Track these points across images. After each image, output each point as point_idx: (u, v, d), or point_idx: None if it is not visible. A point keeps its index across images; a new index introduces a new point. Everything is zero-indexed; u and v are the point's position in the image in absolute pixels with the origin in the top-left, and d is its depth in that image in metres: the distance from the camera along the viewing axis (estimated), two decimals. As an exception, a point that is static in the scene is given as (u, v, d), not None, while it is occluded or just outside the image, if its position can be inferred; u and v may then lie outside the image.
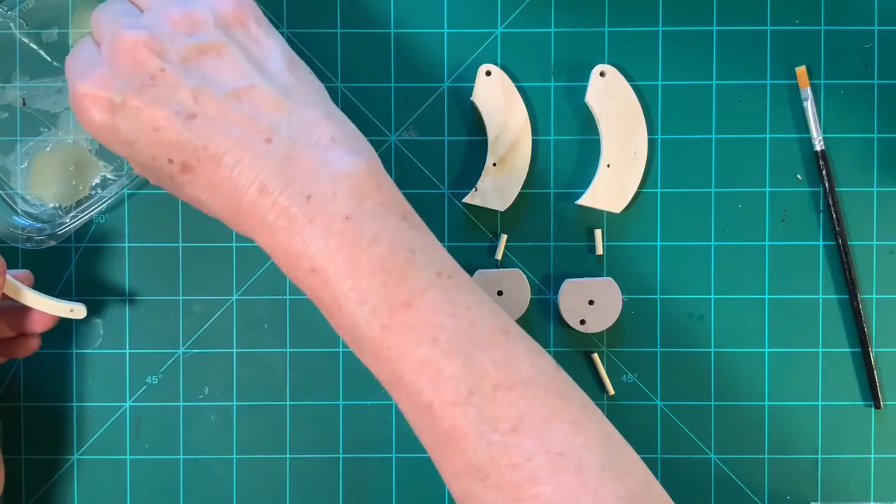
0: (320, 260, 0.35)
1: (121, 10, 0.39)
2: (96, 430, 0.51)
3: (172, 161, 0.37)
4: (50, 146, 0.51)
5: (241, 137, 0.36)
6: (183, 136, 0.36)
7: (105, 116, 0.37)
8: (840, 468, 0.51)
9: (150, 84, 0.36)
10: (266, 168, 0.36)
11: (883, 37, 0.51)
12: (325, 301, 0.36)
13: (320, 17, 0.51)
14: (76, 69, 0.38)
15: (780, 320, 0.51)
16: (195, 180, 0.37)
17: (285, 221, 0.35)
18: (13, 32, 0.50)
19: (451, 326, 0.35)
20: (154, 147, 0.37)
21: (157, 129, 0.36)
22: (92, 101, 0.36)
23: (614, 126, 0.50)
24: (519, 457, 0.34)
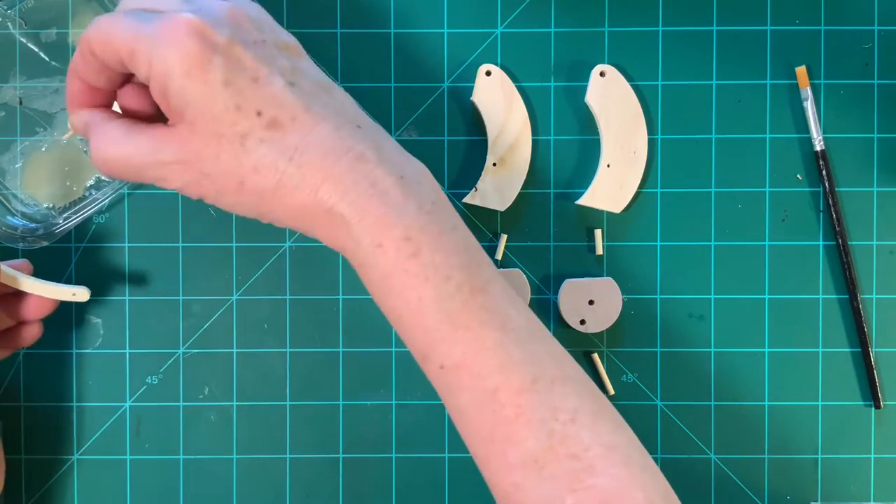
0: (414, 230, 0.35)
1: None
2: (96, 430, 0.51)
3: (261, 114, 0.35)
4: (45, 146, 0.51)
5: (336, 115, 0.36)
6: (283, 93, 0.35)
7: (202, 46, 0.34)
8: (840, 468, 0.51)
9: (253, 45, 0.36)
10: (363, 141, 0.36)
11: (883, 37, 0.51)
12: (411, 271, 0.36)
13: (320, 17, 0.51)
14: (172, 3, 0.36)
15: (780, 320, 0.51)
16: (279, 139, 0.35)
17: (381, 193, 0.35)
18: (12, 32, 0.50)
19: (514, 317, 0.36)
20: (247, 95, 0.35)
21: (256, 79, 0.35)
22: (193, 27, 0.34)
23: (614, 126, 0.50)
24: (577, 447, 0.35)
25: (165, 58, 0.34)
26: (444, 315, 0.36)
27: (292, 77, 0.36)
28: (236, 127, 0.35)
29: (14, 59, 0.50)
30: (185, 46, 0.34)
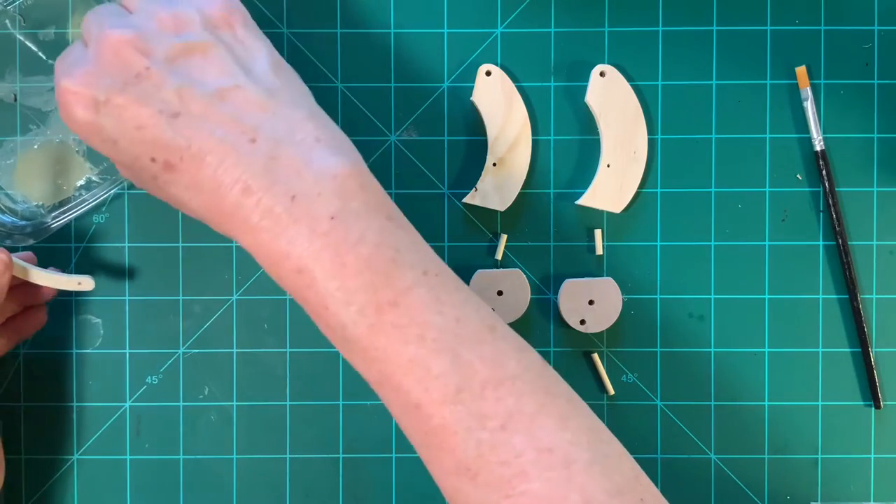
0: (306, 260, 0.35)
1: (109, 11, 0.39)
2: (96, 430, 0.51)
3: (155, 160, 0.36)
4: (37, 144, 0.51)
5: (224, 137, 0.36)
6: (166, 134, 0.36)
7: (88, 114, 0.37)
8: (840, 468, 0.51)
9: (134, 82, 0.36)
10: (250, 168, 0.35)
11: (883, 37, 0.51)
12: (311, 302, 0.36)
13: (320, 17, 0.51)
14: (63, 68, 0.38)
15: (780, 320, 0.51)
16: (178, 180, 0.37)
17: (270, 222, 0.35)
18: (11, 29, 0.50)
19: (438, 324, 0.35)
20: (137, 146, 0.37)
21: (140, 127, 0.36)
22: (75, 98, 0.36)
23: (614, 126, 0.50)
24: (508, 454, 0.34)
25: (75, 131, 0.38)
26: (352, 337, 0.35)
27: (180, 103, 0.36)
28: (146, 173, 0.38)
29: (10, 56, 0.50)
30: (77, 121, 0.37)
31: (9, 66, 0.51)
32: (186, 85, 0.36)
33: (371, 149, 0.51)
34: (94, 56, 0.37)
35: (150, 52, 0.37)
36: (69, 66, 0.38)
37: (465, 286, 0.37)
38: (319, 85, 0.51)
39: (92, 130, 0.37)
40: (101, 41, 0.37)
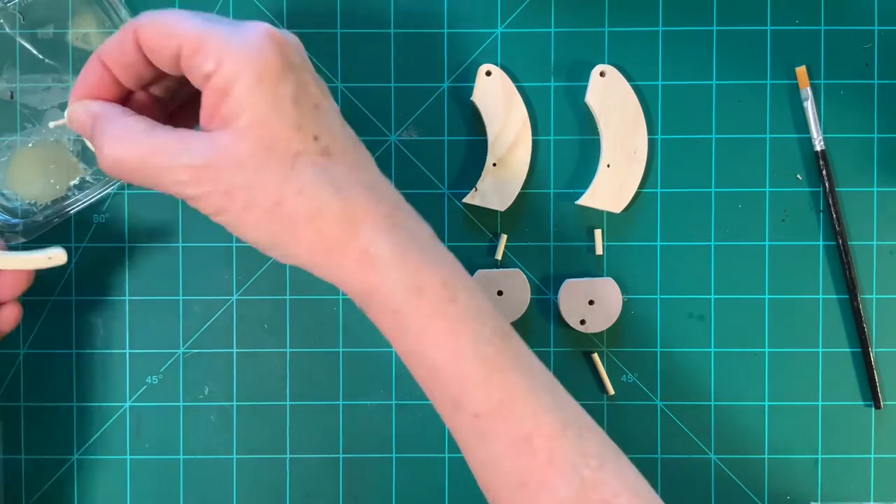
0: (450, 276, 0.36)
1: None
2: (96, 430, 0.51)
3: (318, 139, 0.35)
4: (32, 143, 0.51)
5: (371, 159, 0.38)
6: (339, 125, 0.37)
7: (282, 61, 0.34)
8: (840, 468, 0.51)
9: (314, 76, 0.36)
10: (396, 191, 0.38)
11: (883, 37, 0.51)
12: (449, 316, 0.36)
13: (320, 17, 0.51)
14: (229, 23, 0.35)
15: (780, 320, 0.51)
16: (330, 167, 0.35)
17: (419, 239, 0.36)
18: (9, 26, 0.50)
19: (537, 365, 0.37)
20: (307, 118, 0.35)
21: (317, 106, 0.36)
22: (277, 42, 0.35)
23: (614, 126, 0.50)
24: (608, 492, 0.35)
25: (243, 58, 0.34)
26: (479, 360, 0.35)
27: (341, 116, 0.37)
28: (292, 145, 0.34)
29: (9, 54, 0.50)
30: (266, 54, 0.34)
31: (7, 64, 0.51)
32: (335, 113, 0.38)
33: (371, 149, 0.51)
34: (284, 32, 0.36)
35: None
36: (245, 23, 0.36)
37: None
38: (319, 85, 0.51)
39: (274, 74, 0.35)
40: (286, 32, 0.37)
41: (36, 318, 0.51)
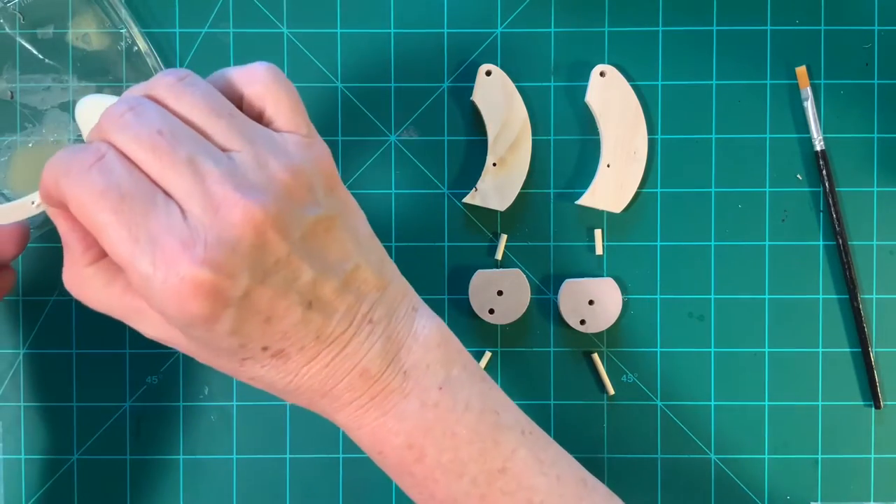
0: (417, 434, 0.34)
1: (195, 146, 0.30)
2: (96, 430, 0.51)
3: (267, 348, 0.32)
4: (32, 142, 0.51)
5: (349, 324, 0.33)
6: (296, 326, 0.32)
7: (211, 308, 0.30)
8: (840, 468, 0.51)
9: (273, 270, 0.30)
10: (369, 352, 0.33)
11: (883, 37, 0.51)
12: (417, 475, 0.34)
13: (320, 17, 0.51)
14: (168, 241, 0.29)
15: (780, 320, 0.51)
16: (282, 364, 0.33)
17: (381, 400, 0.33)
18: (9, 26, 0.50)
19: (542, 486, 0.35)
20: (253, 336, 0.31)
21: (270, 319, 0.31)
22: (200, 289, 0.29)
23: (614, 126, 0.50)
24: None
25: (164, 310, 0.30)
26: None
27: (312, 291, 0.32)
28: (235, 356, 0.33)
29: (9, 54, 0.50)
30: (189, 314, 0.30)
31: (7, 64, 0.51)
32: (321, 271, 0.32)
33: (371, 149, 0.51)
34: (220, 233, 0.29)
35: (288, 232, 0.31)
36: (169, 235, 0.29)
37: (552, 439, 0.37)
38: (319, 85, 0.51)
39: (203, 323, 0.30)
40: (232, 214, 0.29)
41: (36, 318, 0.51)
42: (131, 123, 0.30)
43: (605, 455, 0.50)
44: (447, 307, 0.51)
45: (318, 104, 0.51)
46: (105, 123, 0.31)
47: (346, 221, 0.34)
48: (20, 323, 0.51)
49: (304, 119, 0.34)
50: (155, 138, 0.30)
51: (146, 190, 0.30)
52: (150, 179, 0.30)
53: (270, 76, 0.34)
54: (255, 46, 0.50)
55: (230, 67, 0.34)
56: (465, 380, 0.35)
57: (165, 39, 0.51)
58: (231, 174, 0.30)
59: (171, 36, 0.51)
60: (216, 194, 0.30)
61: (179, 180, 0.30)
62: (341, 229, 0.33)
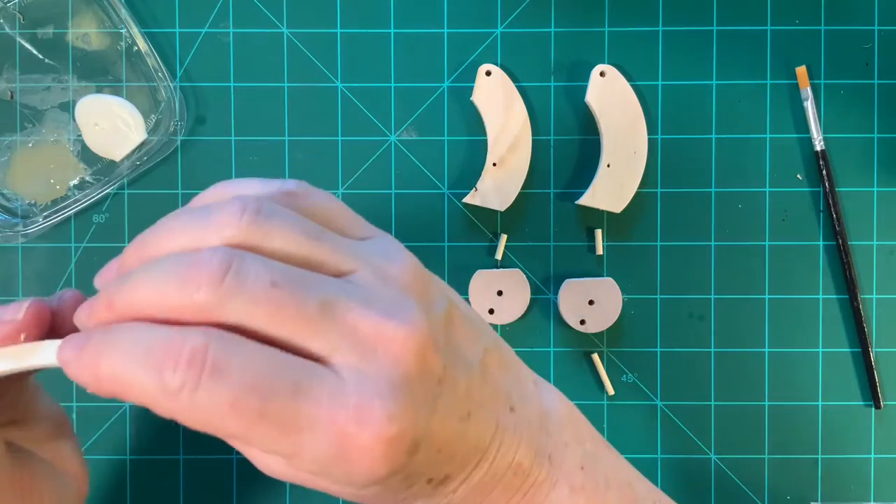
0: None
1: (319, 286, 0.25)
2: (96, 430, 0.51)
3: (432, 479, 0.28)
4: (32, 143, 0.51)
5: (498, 418, 0.29)
6: (457, 444, 0.27)
7: (403, 459, 0.25)
8: (840, 468, 0.51)
9: (438, 392, 0.26)
10: (520, 444, 0.30)
11: (883, 37, 0.51)
12: None
13: (320, 17, 0.51)
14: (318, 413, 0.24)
15: (780, 320, 0.51)
16: (442, 489, 0.28)
17: (532, 496, 0.30)
18: (9, 26, 0.50)
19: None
20: (422, 471, 0.27)
21: (440, 449, 0.27)
22: (391, 447, 0.24)
23: (614, 126, 0.50)
24: None
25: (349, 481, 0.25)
26: None
27: (468, 400, 0.28)
28: (396, 496, 0.28)
29: (9, 54, 0.50)
30: (379, 474, 0.25)
31: (7, 64, 0.51)
32: (465, 372, 0.28)
33: (371, 149, 0.51)
34: (391, 376, 0.25)
35: (438, 343, 0.26)
36: (342, 408, 0.24)
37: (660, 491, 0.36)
38: (319, 85, 0.51)
39: (388, 475, 0.25)
40: (393, 348, 0.25)
41: (36, 318, 0.50)
42: (237, 287, 0.24)
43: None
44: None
45: (318, 104, 0.51)
46: (200, 297, 0.24)
47: (454, 298, 0.29)
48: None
49: (366, 221, 0.30)
50: (273, 295, 0.24)
51: (283, 369, 0.24)
52: (279, 347, 0.24)
53: (308, 186, 0.28)
54: (255, 46, 0.50)
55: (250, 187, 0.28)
56: (598, 454, 0.33)
57: (165, 39, 0.51)
58: (367, 302, 0.25)
59: (171, 36, 0.51)
60: (366, 334, 0.25)
61: (319, 335, 0.24)
62: (462, 317, 0.29)
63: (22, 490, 0.33)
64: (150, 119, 0.50)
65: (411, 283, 0.27)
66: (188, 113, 0.50)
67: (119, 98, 0.50)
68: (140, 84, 0.50)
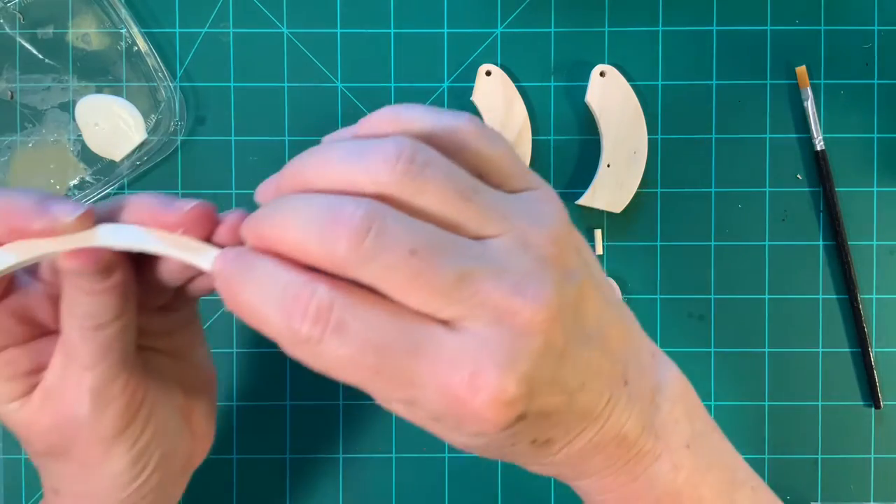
0: (666, 500, 0.31)
1: (457, 256, 0.25)
2: (96, 430, 0.51)
3: (535, 441, 0.28)
4: (32, 143, 0.51)
5: (610, 393, 0.29)
6: (566, 413, 0.28)
7: (511, 424, 0.26)
8: (840, 468, 0.51)
9: (556, 366, 0.27)
10: (629, 417, 0.29)
11: (883, 37, 0.51)
12: None
13: (320, 17, 0.51)
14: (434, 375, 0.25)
15: (780, 320, 0.51)
16: (541, 451, 0.29)
17: (633, 465, 0.30)
18: (9, 26, 0.50)
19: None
20: (527, 433, 0.27)
21: (548, 415, 0.27)
22: (503, 413, 0.25)
23: (614, 126, 0.50)
24: None
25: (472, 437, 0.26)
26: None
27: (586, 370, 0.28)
28: (499, 450, 0.29)
29: (9, 54, 0.50)
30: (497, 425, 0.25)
31: (7, 64, 0.51)
32: (585, 345, 0.28)
33: (371, 149, 0.51)
34: (513, 349, 0.25)
35: (566, 320, 0.26)
36: (457, 372, 0.25)
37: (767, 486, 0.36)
38: (319, 85, 0.51)
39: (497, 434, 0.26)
40: (520, 321, 0.25)
41: (36, 318, 0.50)
42: (375, 251, 0.24)
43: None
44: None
45: (318, 104, 0.51)
46: (338, 254, 0.24)
47: (595, 273, 0.29)
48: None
49: (529, 169, 0.29)
50: (411, 263, 0.24)
51: (404, 330, 0.25)
52: (408, 311, 0.25)
53: (478, 126, 0.28)
54: (255, 46, 0.50)
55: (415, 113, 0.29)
56: (706, 433, 0.32)
57: (165, 39, 0.51)
58: (501, 273, 0.25)
59: (171, 36, 0.51)
60: (495, 305, 0.25)
61: (449, 306, 0.25)
62: (593, 288, 0.28)
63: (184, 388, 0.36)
64: (150, 119, 0.50)
65: (552, 253, 0.26)
66: (188, 113, 0.51)
67: (119, 98, 0.50)
68: (140, 84, 0.50)
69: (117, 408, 0.32)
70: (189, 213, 0.29)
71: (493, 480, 0.51)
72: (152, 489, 0.35)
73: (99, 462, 0.32)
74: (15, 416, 0.32)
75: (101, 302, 0.30)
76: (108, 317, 0.30)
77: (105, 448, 0.32)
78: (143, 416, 0.33)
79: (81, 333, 0.30)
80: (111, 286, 0.30)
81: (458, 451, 0.51)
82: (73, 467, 0.33)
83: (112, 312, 0.30)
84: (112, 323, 0.31)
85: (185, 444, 0.37)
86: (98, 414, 0.31)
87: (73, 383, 0.31)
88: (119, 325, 0.31)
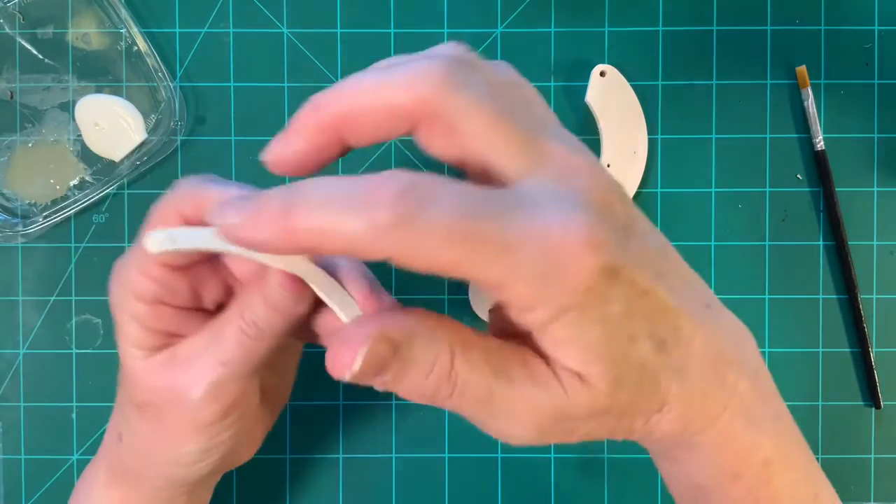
0: (772, 448, 0.31)
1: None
2: (96, 430, 0.51)
3: (652, 335, 0.27)
4: (32, 143, 0.51)
5: (697, 308, 0.29)
6: (666, 297, 0.27)
7: (606, 260, 0.25)
8: (840, 468, 0.51)
9: (625, 235, 0.26)
10: (723, 343, 0.30)
11: (883, 37, 0.51)
12: (762, 499, 0.31)
13: (320, 17, 0.51)
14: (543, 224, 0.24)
15: (780, 320, 0.51)
16: (666, 360, 0.27)
17: (746, 412, 0.31)
18: (9, 26, 0.50)
19: None
20: (635, 321, 0.26)
21: (645, 292, 0.26)
22: (598, 251, 0.25)
23: (614, 126, 0.50)
24: None
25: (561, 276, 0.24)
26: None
27: (664, 262, 0.28)
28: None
29: (9, 54, 0.50)
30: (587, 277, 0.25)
31: (7, 64, 0.51)
32: (658, 244, 0.29)
33: (371, 149, 0.51)
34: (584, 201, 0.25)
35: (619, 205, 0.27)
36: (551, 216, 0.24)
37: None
38: (319, 85, 0.51)
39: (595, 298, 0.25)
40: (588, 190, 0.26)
41: (36, 318, 0.51)
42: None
43: (605, 455, 0.50)
44: (447, 307, 0.51)
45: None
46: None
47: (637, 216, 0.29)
48: (20, 323, 0.51)
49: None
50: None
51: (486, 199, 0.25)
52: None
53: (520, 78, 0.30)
54: (255, 46, 0.50)
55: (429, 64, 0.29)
56: (764, 388, 0.32)
57: (165, 39, 0.50)
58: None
59: (171, 36, 0.51)
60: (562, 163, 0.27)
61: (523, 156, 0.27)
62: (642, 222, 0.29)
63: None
64: (150, 119, 0.50)
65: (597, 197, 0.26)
66: (188, 113, 0.50)
67: (119, 98, 0.50)
68: (140, 84, 0.50)
69: (223, 404, 0.33)
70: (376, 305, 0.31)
71: (494, 480, 0.51)
72: (196, 479, 0.36)
73: (177, 436, 0.34)
74: (134, 361, 0.33)
75: (276, 322, 0.31)
76: (271, 335, 0.32)
77: (191, 429, 0.33)
78: (234, 418, 0.34)
79: (238, 335, 0.32)
80: (294, 314, 0.31)
81: (459, 451, 0.51)
82: (151, 428, 0.34)
83: (277, 333, 0.32)
84: (269, 341, 0.32)
85: (242, 450, 0.38)
86: (205, 403, 0.33)
87: (201, 368, 0.32)
88: (274, 344, 0.32)
